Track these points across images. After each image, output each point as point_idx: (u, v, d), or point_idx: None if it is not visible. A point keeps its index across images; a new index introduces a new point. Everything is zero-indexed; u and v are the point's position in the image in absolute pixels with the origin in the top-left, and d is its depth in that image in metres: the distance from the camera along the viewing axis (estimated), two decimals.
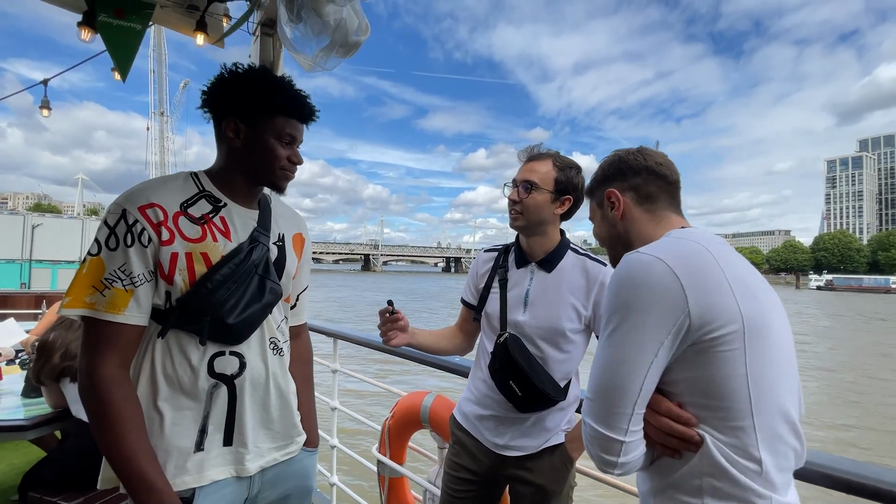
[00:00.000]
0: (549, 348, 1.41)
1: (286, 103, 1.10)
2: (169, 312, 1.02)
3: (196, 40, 1.97)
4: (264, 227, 1.17)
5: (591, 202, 1.09)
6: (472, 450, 1.50)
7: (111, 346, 0.95)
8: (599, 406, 0.79)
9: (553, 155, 1.45)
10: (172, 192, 1.04)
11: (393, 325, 1.46)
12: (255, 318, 1.10)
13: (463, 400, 1.60)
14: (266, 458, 1.14)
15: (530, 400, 1.38)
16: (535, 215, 1.42)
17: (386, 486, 2.21)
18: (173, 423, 1.02)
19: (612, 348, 0.79)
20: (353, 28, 1.52)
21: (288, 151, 1.13)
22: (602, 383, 0.79)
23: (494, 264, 1.57)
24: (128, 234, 0.96)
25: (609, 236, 1.04)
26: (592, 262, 1.44)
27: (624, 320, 0.78)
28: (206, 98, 1.10)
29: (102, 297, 0.94)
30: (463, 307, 1.66)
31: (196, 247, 1.03)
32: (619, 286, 0.81)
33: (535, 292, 1.44)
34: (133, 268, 0.96)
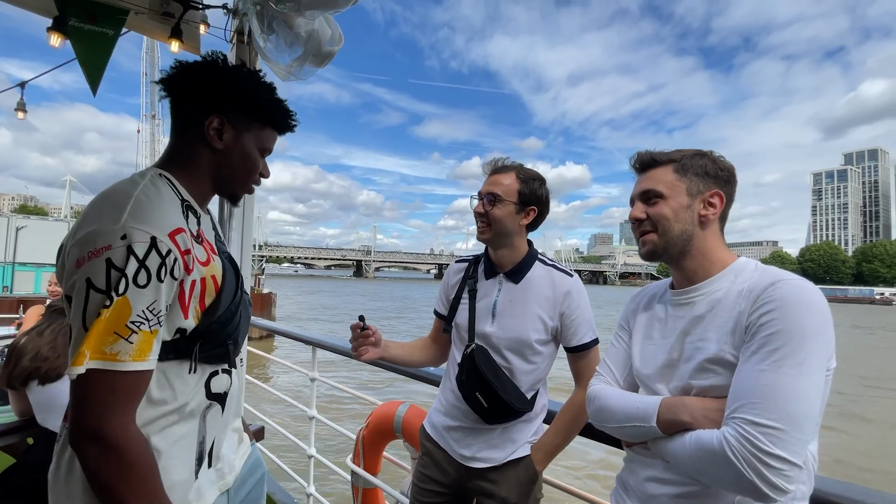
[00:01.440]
0: (517, 359, 1.41)
1: (279, 117, 1.03)
2: (186, 343, 0.90)
3: (171, 47, 1.97)
4: (220, 233, 1.12)
5: (678, 180, 0.99)
6: (439, 461, 1.49)
7: (132, 399, 0.80)
8: (790, 436, 0.76)
9: (516, 167, 1.46)
10: (176, 209, 0.89)
11: (364, 341, 1.45)
12: (245, 332, 1.08)
13: (433, 411, 1.59)
14: (237, 469, 1.12)
15: (496, 411, 1.38)
16: (500, 227, 1.42)
17: (360, 497, 2.19)
18: (170, 458, 0.89)
19: (803, 376, 0.78)
20: (325, 38, 1.52)
21: (260, 164, 1.05)
22: (793, 411, 0.77)
23: (465, 275, 1.57)
24: (161, 268, 0.80)
25: (677, 229, 0.98)
26: (559, 273, 1.45)
27: (812, 347, 0.79)
28: (178, 82, 0.95)
29: (129, 343, 0.77)
30: (436, 318, 1.66)
31: (206, 270, 0.91)
32: (802, 310, 0.81)
33: (503, 303, 1.44)
34: (159, 305, 0.81)
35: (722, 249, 1.01)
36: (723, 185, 0.99)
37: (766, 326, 0.82)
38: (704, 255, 0.99)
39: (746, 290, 0.90)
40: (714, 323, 0.93)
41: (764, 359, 0.80)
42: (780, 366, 0.79)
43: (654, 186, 1.01)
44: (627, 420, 0.98)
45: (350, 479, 2.24)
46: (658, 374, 1.01)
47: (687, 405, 0.90)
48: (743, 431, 0.77)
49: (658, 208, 1.00)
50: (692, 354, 0.94)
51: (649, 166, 1.04)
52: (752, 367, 0.81)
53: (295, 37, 1.46)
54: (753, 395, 0.79)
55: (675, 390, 0.97)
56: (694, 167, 0.99)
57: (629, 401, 1.00)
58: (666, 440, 0.91)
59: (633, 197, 1.07)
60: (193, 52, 2.09)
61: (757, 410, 0.77)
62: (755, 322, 0.84)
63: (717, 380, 0.89)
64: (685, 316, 0.99)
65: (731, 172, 1.01)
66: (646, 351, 1.07)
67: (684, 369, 0.95)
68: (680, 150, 1.03)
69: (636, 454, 1.04)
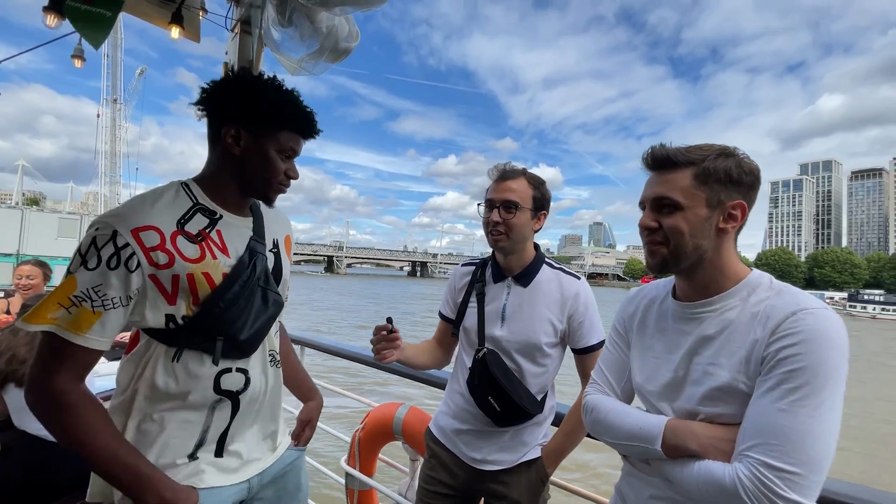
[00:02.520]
0: (526, 362, 1.42)
1: (295, 118, 1.07)
2: (176, 333, 1.00)
3: (171, 33, 1.87)
4: (260, 237, 1.15)
5: (697, 188, 0.88)
6: (448, 464, 1.49)
7: (66, 364, 0.91)
8: (808, 480, 0.72)
9: (523, 171, 1.46)
10: (167, 210, 0.99)
11: (389, 344, 1.43)
12: (263, 331, 1.11)
13: (439, 413, 1.59)
14: (255, 465, 1.14)
15: (509, 415, 1.39)
16: (518, 234, 1.42)
17: (355, 500, 2.16)
18: (170, 435, 1.01)
19: (824, 416, 0.74)
20: (343, 35, 1.48)
21: (286, 165, 1.10)
22: (812, 455, 0.73)
23: (472, 278, 1.57)
24: (114, 257, 0.91)
25: (691, 244, 0.88)
26: (567, 276, 1.47)
27: (835, 385, 0.75)
28: (206, 98, 1.05)
29: (68, 314, 0.89)
30: (441, 321, 1.66)
31: (197, 267, 0.99)
32: (827, 346, 0.76)
33: (512, 307, 1.45)
34: (108, 290, 0.91)
35: (736, 261, 0.93)
36: (746, 193, 0.89)
37: (787, 362, 0.77)
38: (718, 269, 0.91)
39: (762, 315, 0.84)
40: (726, 348, 0.87)
41: (783, 396, 0.76)
42: (802, 406, 0.74)
43: (669, 194, 0.89)
44: (629, 439, 0.93)
45: (344, 481, 2.21)
46: (662, 393, 0.96)
47: (695, 433, 0.86)
48: (758, 474, 0.74)
49: (673, 221, 0.89)
50: (701, 378, 0.89)
51: (664, 166, 0.91)
52: (770, 405, 0.77)
53: (314, 31, 1.41)
54: (771, 435, 0.75)
55: (681, 412, 0.91)
56: (716, 173, 0.86)
57: (631, 418, 0.95)
58: (670, 462, 0.88)
59: (644, 200, 0.95)
60: (192, 39, 2.00)
61: (775, 453, 0.74)
62: (773, 355, 0.79)
63: (726, 408, 0.85)
64: (692, 333, 0.92)
65: (756, 176, 0.89)
66: (648, 364, 1.01)
67: (691, 392, 0.90)
68: (700, 147, 0.90)
69: (634, 467, 1.01)
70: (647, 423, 0.91)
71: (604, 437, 1.01)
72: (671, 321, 0.98)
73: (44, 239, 15.76)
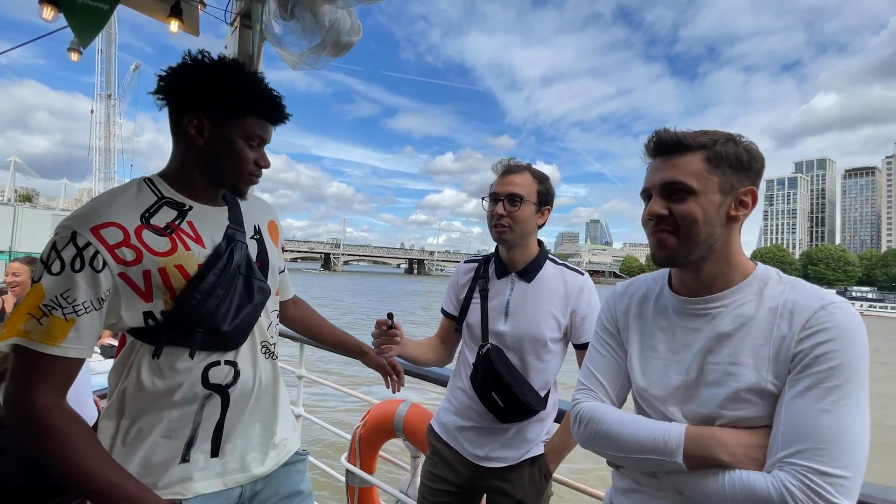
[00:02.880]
0: (530, 358, 1.42)
1: (260, 104, 1.01)
2: (156, 329, 0.96)
3: (170, 27, 1.85)
4: (237, 223, 1.10)
5: (710, 172, 0.82)
6: (450, 461, 1.49)
7: (45, 377, 0.85)
8: (855, 483, 0.69)
9: (528, 167, 1.47)
10: (129, 206, 0.94)
11: (389, 339, 1.42)
12: (249, 321, 1.06)
13: (441, 410, 1.58)
14: (255, 469, 1.09)
15: (512, 411, 1.38)
16: (522, 228, 1.42)
17: (356, 497, 2.15)
18: (158, 436, 0.97)
19: (865, 415, 0.72)
20: (345, 28, 1.46)
21: (255, 154, 1.04)
22: (859, 457, 0.70)
23: (475, 275, 1.56)
24: (76, 259, 0.86)
25: (704, 233, 0.83)
26: (570, 272, 1.47)
27: (867, 382, 0.73)
28: (163, 86, 0.98)
29: (39, 325, 0.84)
30: (444, 318, 1.65)
31: (168, 260, 0.95)
32: (859, 342, 0.73)
33: (516, 302, 1.45)
34: (78, 295, 0.86)
35: (742, 254, 0.88)
36: (755, 179, 0.85)
37: (825, 359, 0.73)
38: (727, 261, 0.86)
39: (785, 310, 0.79)
40: (747, 345, 0.81)
41: (824, 396, 0.72)
42: (844, 406, 0.71)
43: (682, 178, 0.82)
44: (640, 451, 0.83)
45: (344, 478, 2.21)
46: (671, 396, 0.88)
47: (723, 440, 0.78)
48: (808, 481, 0.69)
49: (686, 207, 0.82)
50: (721, 379, 0.82)
51: (673, 150, 0.85)
52: (810, 405, 0.72)
53: (316, 24, 1.39)
54: (817, 439, 0.70)
55: (695, 416, 0.84)
56: (728, 157, 0.82)
57: (641, 428, 0.85)
58: (691, 476, 0.80)
59: (648, 187, 0.88)
60: (191, 33, 1.97)
61: (823, 458, 0.69)
62: (808, 351, 0.75)
63: (751, 411, 0.79)
64: (703, 330, 0.86)
65: (762, 163, 0.86)
66: (651, 366, 0.92)
67: (709, 394, 0.83)
68: (707, 131, 0.85)
69: (636, 482, 0.92)
70: (664, 433, 0.82)
71: (605, 451, 0.90)
72: (674, 317, 0.91)
73: (37, 236, 15.62)
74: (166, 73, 0.99)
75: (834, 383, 0.72)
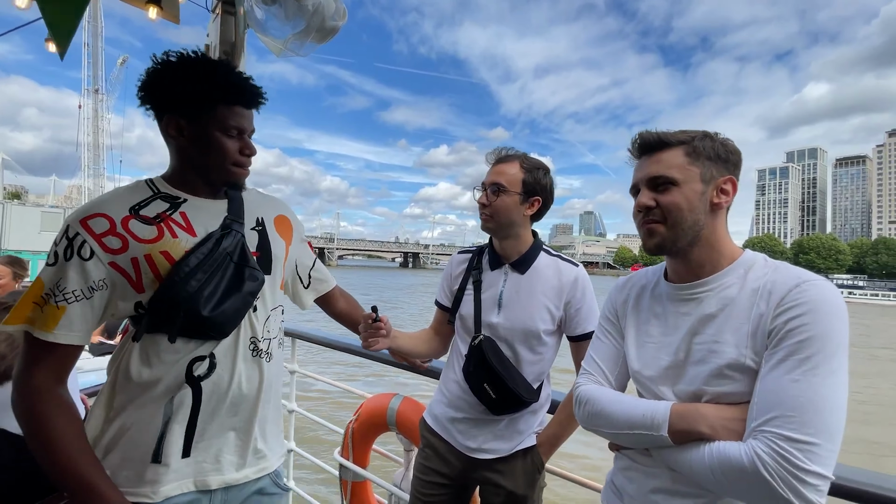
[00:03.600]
0: (523, 350, 1.41)
1: (225, 90, 1.00)
2: (141, 316, 0.98)
3: (148, 13, 1.79)
4: (236, 215, 1.09)
5: (691, 164, 0.90)
6: (443, 453, 1.47)
7: (42, 362, 0.92)
8: (825, 450, 0.71)
9: (521, 156, 1.45)
10: (121, 199, 0.99)
11: (375, 332, 1.40)
12: (236, 310, 1.02)
13: (434, 402, 1.57)
14: (230, 473, 1.05)
15: (505, 402, 1.37)
16: (504, 217, 1.41)
17: (349, 491, 2.14)
18: (138, 427, 0.98)
19: (837, 385, 0.74)
20: (329, 12, 1.42)
21: (238, 143, 1.03)
22: (829, 424, 0.72)
23: (468, 266, 1.55)
24: (67, 248, 0.92)
25: (689, 220, 0.90)
26: (565, 263, 1.45)
27: (842, 354, 0.76)
28: (142, 95, 1.01)
29: (41, 312, 0.91)
30: (437, 310, 1.63)
31: (153, 247, 0.97)
32: (831, 315, 0.77)
33: (509, 294, 1.43)
34: (68, 283, 0.92)
35: (729, 241, 0.94)
36: (733, 170, 0.92)
37: (796, 332, 0.77)
38: (713, 247, 0.92)
39: (763, 290, 0.84)
40: (729, 324, 0.86)
41: (795, 367, 0.75)
42: (814, 375, 0.74)
43: (665, 172, 0.90)
44: (630, 427, 0.90)
45: (338, 473, 2.19)
46: (662, 377, 0.94)
47: (704, 414, 0.83)
48: (777, 448, 0.72)
49: (671, 197, 0.90)
50: (705, 357, 0.87)
51: (656, 148, 0.93)
52: (782, 377, 0.76)
53: (299, 9, 1.35)
54: (786, 407, 0.74)
55: (684, 394, 0.90)
56: (706, 150, 0.90)
57: (631, 406, 0.92)
58: (676, 450, 0.85)
59: (636, 182, 0.96)
60: (172, 21, 1.91)
61: (792, 425, 0.72)
62: (781, 327, 0.79)
63: (733, 386, 0.84)
64: (691, 313, 0.92)
65: (738, 156, 0.93)
66: (645, 350, 0.99)
67: (694, 372, 0.88)
68: (685, 130, 0.94)
69: (632, 460, 0.98)
70: (651, 409, 0.88)
71: (602, 429, 0.97)
72: (667, 304, 0.98)
73: (26, 233, 15.45)
74: (141, 81, 1.01)
75: (805, 355, 0.76)
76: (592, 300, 1.43)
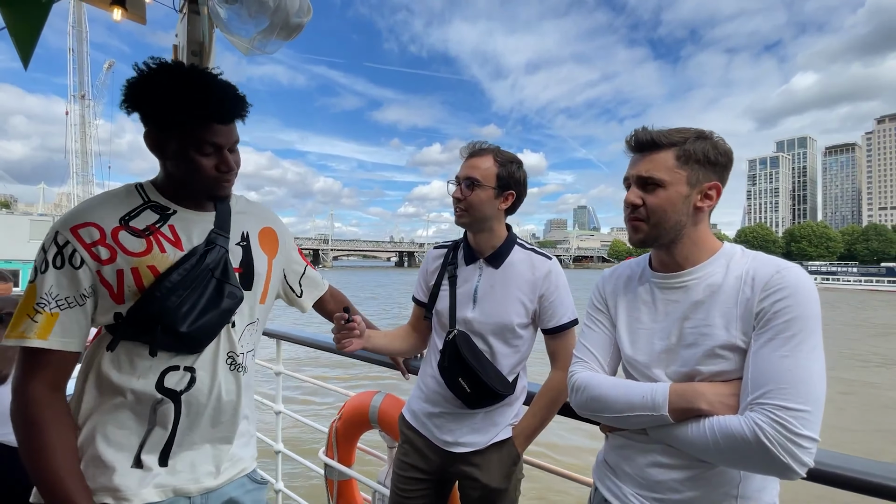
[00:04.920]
0: (499, 344, 1.41)
1: (194, 107, 0.94)
2: (119, 325, 0.98)
3: (113, 15, 1.76)
4: (222, 229, 1.08)
5: (679, 168, 0.95)
6: (421, 448, 1.48)
7: (39, 369, 0.93)
8: (814, 416, 0.79)
9: (494, 150, 1.44)
10: (110, 207, 0.99)
11: (349, 333, 1.39)
12: (212, 326, 1.03)
13: (412, 398, 1.57)
14: (207, 482, 1.07)
15: (479, 396, 1.37)
16: (478, 212, 1.40)
17: (335, 490, 2.14)
18: (110, 436, 0.98)
19: (819, 357, 0.83)
20: (293, 10, 1.41)
21: (214, 160, 1.00)
22: (816, 392, 0.80)
23: (444, 261, 1.55)
24: (57, 257, 0.93)
25: (672, 220, 0.96)
26: (538, 257, 1.45)
27: (820, 330, 0.84)
28: (125, 105, 0.97)
29: (34, 322, 0.92)
30: (415, 305, 1.63)
31: (141, 261, 0.97)
32: (809, 297, 0.85)
33: (484, 289, 1.43)
34: (59, 290, 0.93)
35: (711, 236, 1.01)
36: (721, 173, 0.97)
37: (782, 313, 0.85)
38: (695, 243, 0.99)
39: (747, 277, 0.91)
40: (717, 308, 0.92)
41: (783, 344, 0.83)
42: (800, 351, 0.82)
43: (654, 173, 0.96)
44: (631, 409, 0.95)
45: (323, 472, 2.19)
46: (655, 360, 0.99)
47: (702, 392, 0.90)
48: (775, 417, 0.79)
49: (656, 198, 0.96)
50: (697, 340, 0.94)
51: (648, 148, 0.98)
52: (772, 353, 0.83)
53: (261, 6, 1.34)
54: (779, 381, 0.81)
55: (677, 375, 0.96)
56: (696, 154, 0.94)
57: (630, 389, 0.97)
58: (675, 427, 0.91)
59: (628, 178, 1.02)
60: (138, 21, 1.89)
61: (785, 395, 0.80)
62: (769, 308, 0.86)
63: (725, 365, 0.90)
64: (680, 300, 0.98)
65: (729, 157, 0.98)
66: (637, 336, 1.04)
67: (688, 355, 0.94)
68: (680, 129, 0.98)
69: (628, 439, 1.03)
70: (650, 391, 0.94)
71: (601, 414, 1.02)
72: (655, 293, 1.04)
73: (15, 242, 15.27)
74: (123, 91, 0.98)
75: (790, 333, 0.83)
76: (566, 293, 1.43)
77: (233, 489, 1.12)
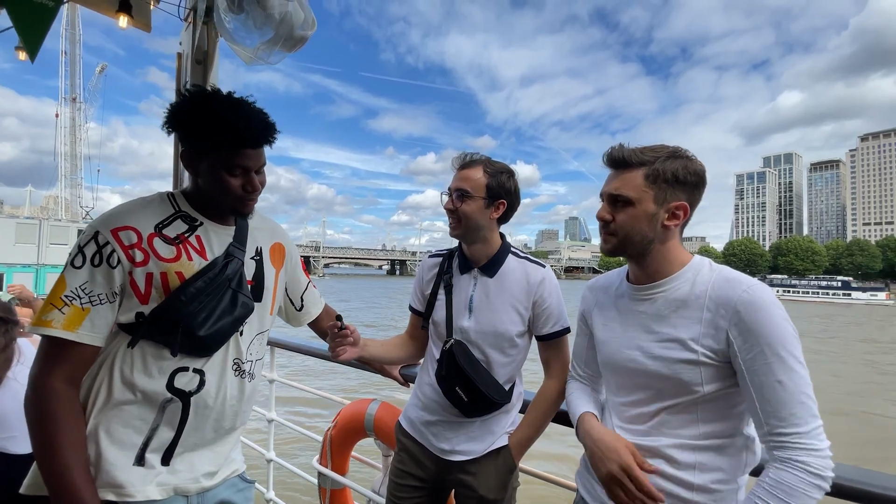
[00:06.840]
0: (494, 353, 1.43)
1: (228, 135, 1.03)
2: (140, 325, 1.03)
3: (119, 22, 1.78)
4: (240, 243, 1.17)
5: (647, 187, 0.98)
6: (417, 456, 1.48)
7: (61, 361, 0.96)
8: (821, 424, 0.85)
9: (484, 161, 1.46)
10: (148, 214, 1.06)
11: (342, 341, 1.40)
12: (224, 332, 1.10)
13: (409, 406, 1.58)
14: (206, 482, 1.12)
15: (476, 405, 1.39)
16: (471, 222, 1.42)
17: (328, 499, 2.13)
18: (116, 432, 1.01)
19: (806, 369, 0.87)
20: (298, 22, 1.44)
21: (241, 180, 1.09)
22: (814, 401, 0.86)
23: (439, 270, 1.56)
24: (96, 255, 0.98)
25: (638, 237, 1.00)
26: (532, 265, 1.48)
27: (795, 340, 0.88)
28: (167, 127, 1.07)
29: (61, 314, 0.95)
30: (412, 314, 1.64)
31: (171, 266, 1.04)
32: (781, 315, 0.88)
33: (479, 298, 1.45)
34: (94, 287, 0.98)
35: (680, 250, 1.04)
36: (690, 192, 1.00)
37: (758, 333, 0.87)
38: (664, 257, 1.03)
39: (713, 293, 0.94)
40: (680, 322, 0.96)
41: (775, 369, 0.86)
42: (793, 371, 0.86)
43: (622, 191, 1.00)
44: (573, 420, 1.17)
45: (316, 481, 2.18)
46: (622, 367, 1.06)
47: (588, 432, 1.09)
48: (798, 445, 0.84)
49: (624, 216, 1.00)
50: (660, 352, 0.98)
51: (620, 165, 1.02)
52: (768, 380, 0.86)
53: (266, 18, 1.37)
54: (785, 409, 0.85)
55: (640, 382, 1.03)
56: (665, 173, 0.97)
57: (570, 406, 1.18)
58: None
59: (602, 194, 1.06)
60: (143, 29, 1.90)
61: (796, 421, 0.85)
62: (744, 327, 0.89)
63: (685, 376, 0.94)
64: (646, 312, 1.03)
65: (700, 176, 1.00)
66: (608, 344, 1.10)
67: (651, 364, 1.00)
68: (654, 148, 1.00)
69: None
70: (574, 412, 1.11)
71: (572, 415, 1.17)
72: (628, 303, 1.08)
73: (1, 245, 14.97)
74: (167, 113, 1.07)
75: (778, 354, 0.86)
76: (560, 301, 1.46)
77: (225, 489, 1.18)
